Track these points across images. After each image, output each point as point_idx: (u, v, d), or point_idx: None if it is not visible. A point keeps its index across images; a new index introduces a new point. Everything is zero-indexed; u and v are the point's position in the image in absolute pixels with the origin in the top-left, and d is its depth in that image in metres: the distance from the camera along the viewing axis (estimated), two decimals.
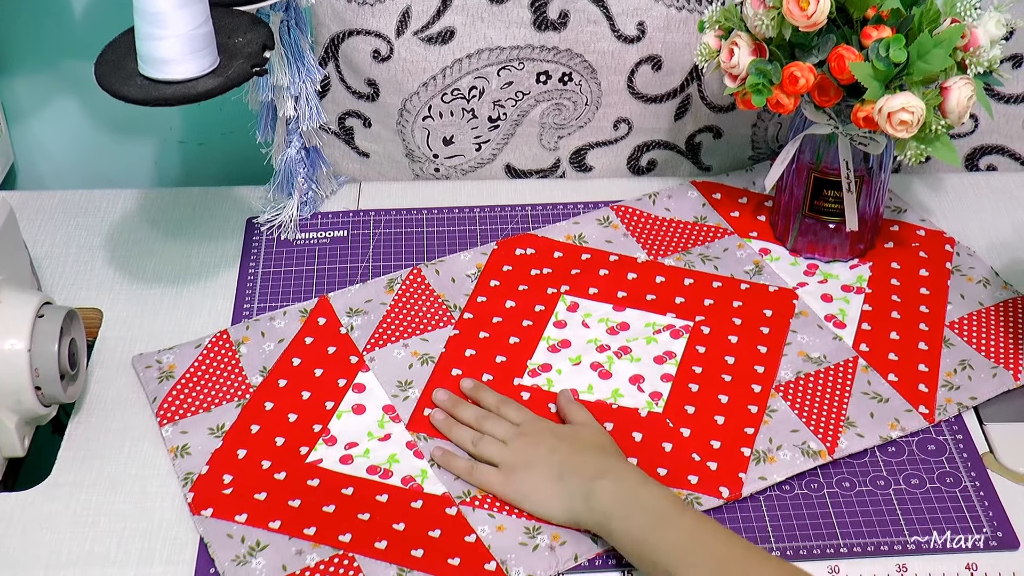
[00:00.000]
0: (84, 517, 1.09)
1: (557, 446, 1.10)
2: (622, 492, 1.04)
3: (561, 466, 1.08)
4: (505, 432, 1.13)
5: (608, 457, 1.09)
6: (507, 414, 1.15)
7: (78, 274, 1.35)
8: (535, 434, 1.12)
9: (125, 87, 1.08)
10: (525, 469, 1.09)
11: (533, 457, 1.10)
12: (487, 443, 1.12)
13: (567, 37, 1.37)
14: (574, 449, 1.10)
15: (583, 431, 1.13)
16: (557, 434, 1.12)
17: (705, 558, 0.98)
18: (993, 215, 1.42)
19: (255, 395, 1.19)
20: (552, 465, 1.08)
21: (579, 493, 1.05)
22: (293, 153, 1.36)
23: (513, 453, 1.11)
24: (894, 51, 1.12)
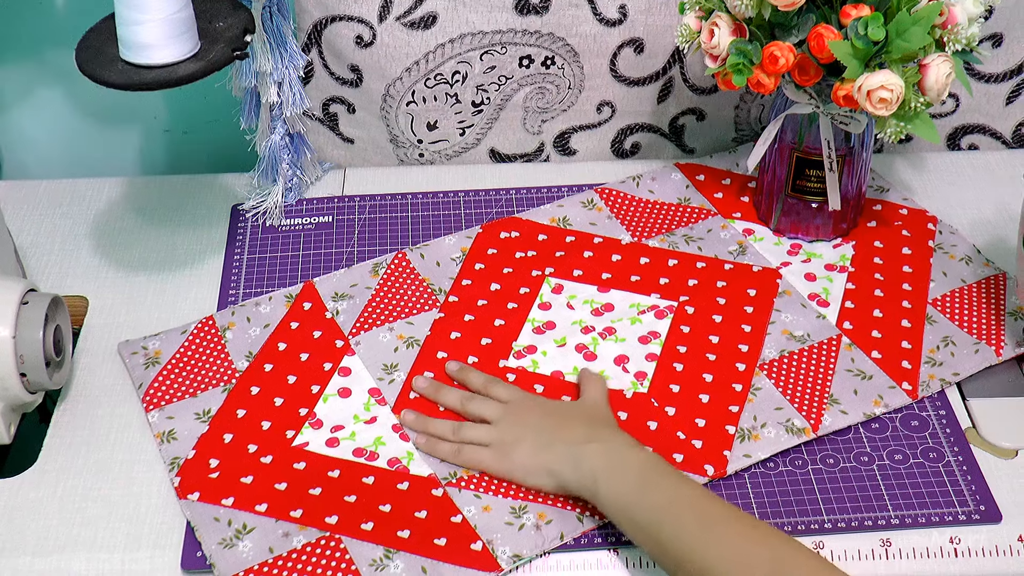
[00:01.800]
0: (71, 503, 1.10)
1: (544, 420, 1.11)
2: (609, 453, 1.05)
3: (551, 435, 1.09)
4: (494, 411, 1.13)
5: (596, 425, 1.10)
6: (495, 393, 1.16)
7: (64, 262, 1.35)
8: (523, 411, 1.13)
9: (106, 72, 1.08)
10: (514, 444, 1.10)
11: (521, 432, 1.10)
12: (471, 428, 1.13)
13: (549, 21, 1.37)
14: (562, 421, 1.11)
15: (571, 406, 1.14)
16: (545, 408, 1.13)
17: (688, 516, 0.98)
18: (975, 193, 1.43)
19: (241, 380, 1.20)
20: (541, 435, 1.09)
21: (568, 459, 1.06)
22: (277, 139, 1.36)
23: (501, 431, 1.11)
24: (873, 29, 1.12)
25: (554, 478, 1.07)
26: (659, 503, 1.00)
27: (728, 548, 0.96)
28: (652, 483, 1.02)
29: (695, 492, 1.01)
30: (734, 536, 0.97)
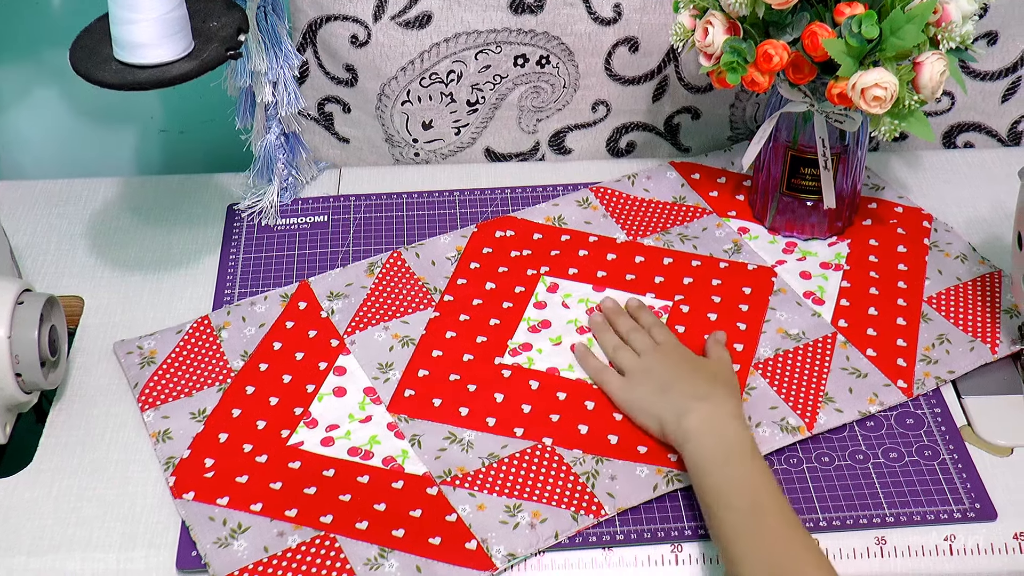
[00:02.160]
0: (66, 503, 1.10)
1: (679, 366, 1.16)
2: (711, 418, 1.08)
3: (674, 382, 1.13)
4: (645, 345, 1.19)
5: (718, 385, 1.13)
6: (654, 333, 1.21)
7: (60, 262, 1.35)
8: (667, 353, 1.18)
9: (100, 72, 1.08)
10: (642, 379, 1.15)
11: (656, 371, 1.16)
12: (623, 353, 1.19)
13: (544, 20, 1.37)
14: (692, 370, 1.15)
15: (710, 363, 1.18)
16: (685, 357, 1.18)
17: (743, 502, 1.01)
18: (970, 191, 1.43)
19: (236, 379, 1.20)
20: (666, 380, 1.14)
21: (675, 409, 1.10)
22: (272, 139, 1.36)
23: (641, 365, 1.17)
24: (866, 27, 1.12)
25: (657, 423, 1.11)
26: (728, 481, 1.03)
27: (755, 544, 0.98)
28: (733, 461, 1.04)
29: (766, 484, 1.02)
30: (768, 535, 0.99)
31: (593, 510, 1.07)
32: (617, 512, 1.08)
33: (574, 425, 1.15)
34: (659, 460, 1.11)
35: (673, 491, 1.10)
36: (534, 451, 1.12)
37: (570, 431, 1.14)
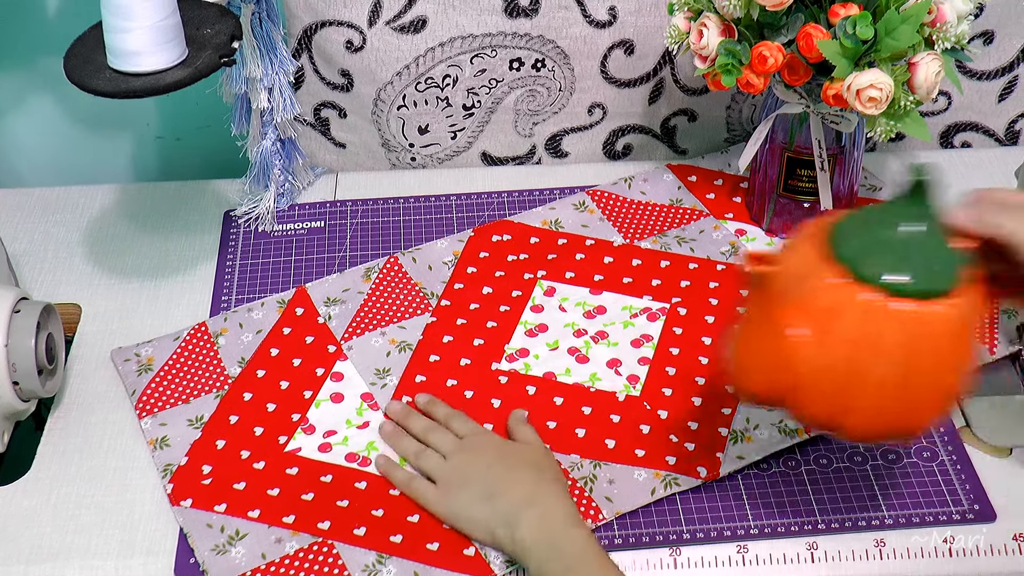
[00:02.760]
0: (64, 510, 1.10)
1: (493, 463, 1.08)
2: (545, 531, 1.02)
3: (494, 485, 1.06)
4: (448, 445, 1.11)
5: (542, 482, 1.06)
6: (454, 426, 1.13)
7: (57, 270, 1.35)
8: (475, 448, 1.11)
9: (94, 80, 1.08)
10: (459, 486, 1.07)
11: (469, 473, 1.08)
12: (427, 457, 1.11)
13: (539, 23, 1.37)
14: (510, 466, 1.08)
15: (524, 449, 1.11)
16: (499, 450, 1.11)
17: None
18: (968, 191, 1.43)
19: (234, 386, 1.20)
20: (486, 484, 1.06)
21: (505, 519, 1.03)
22: (268, 145, 1.36)
23: (451, 468, 1.09)
24: (861, 28, 1.12)
25: (489, 535, 1.04)
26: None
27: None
28: (573, 572, 0.99)
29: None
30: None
31: (591, 514, 1.07)
32: (615, 516, 1.08)
33: (571, 430, 1.15)
34: (657, 464, 1.11)
35: (671, 495, 1.09)
36: None
37: (567, 436, 1.14)
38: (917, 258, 0.88)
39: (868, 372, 0.89)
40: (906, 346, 0.88)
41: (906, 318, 0.88)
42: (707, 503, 1.09)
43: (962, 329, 0.90)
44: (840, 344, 0.88)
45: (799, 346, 0.89)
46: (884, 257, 0.88)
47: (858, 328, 0.88)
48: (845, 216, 0.93)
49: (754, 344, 0.93)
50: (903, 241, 0.89)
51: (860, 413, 0.91)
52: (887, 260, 0.88)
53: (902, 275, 0.87)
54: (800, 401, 0.92)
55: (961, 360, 0.91)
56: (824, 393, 0.90)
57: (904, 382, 0.89)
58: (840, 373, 0.89)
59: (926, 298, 0.88)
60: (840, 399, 0.90)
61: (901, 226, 0.90)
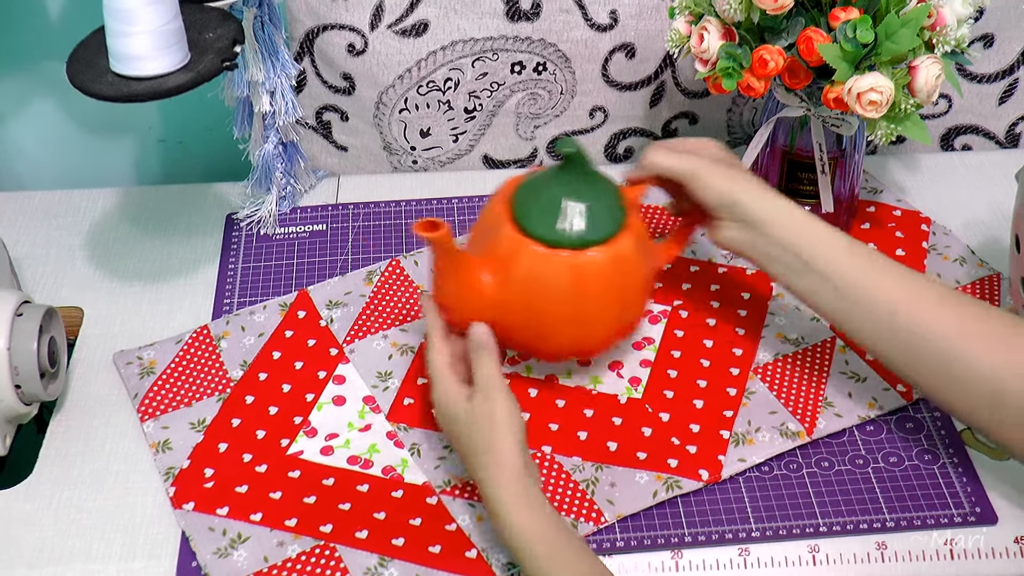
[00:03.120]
0: (66, 514, 1.10)
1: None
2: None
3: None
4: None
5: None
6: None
7: (59, 273, 1.35)
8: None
9: (96, 84, 1.08)
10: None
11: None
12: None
13: (540, 27, 1.37)
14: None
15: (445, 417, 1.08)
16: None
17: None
18: (969, 194, 1.43)
19: (236, 389, 1.20)
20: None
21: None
22: (270, 148, 1.36)
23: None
24: (861, 32, 1.12)
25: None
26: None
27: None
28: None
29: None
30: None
31: (593, 517, 1.07)
32: (617, 519, 1.08)
33: (573, 432, 1.15)
34: (658, 467, 1.11)
35: (673, 497, 1.10)
36: (533, 459, 1.12)
37: (569, 438, 1.14)
38: (573, 214, 1.08)
39: (543, 307, 1.09)
40: (570, 285, 1.08)
41: (565, 264, 1.08)
42: (708, 506, 1.09)
43: (617, 269, 1.09)
44: (517, 285, 1.09)
45: (485, 286, 1.09)
46: (546, 215, 1.08)
47: (529, 273, 1.08)
48: (524, 179, 1.13)
49: (451, 286, 1.10)
50: (560, 201, 1.08)
51: (546, 339, 1.12)
52: (548, 218, 1.08)
53: (560, 229, 1.08)
54: (498, 332, 1.10)
55: (623, 293, 1.11)
56: (514, 325, 1.10)
57: (574, 314, 1.09)
58: (522, 308, 1.09)
59: (583, 247, 1.08)
60: (527, 329, 1.11)
61: (553, 190, 1.09)
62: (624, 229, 1.10)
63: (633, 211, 1.13)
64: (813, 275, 1.08)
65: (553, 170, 1.11)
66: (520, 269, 1.08)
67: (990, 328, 1.01)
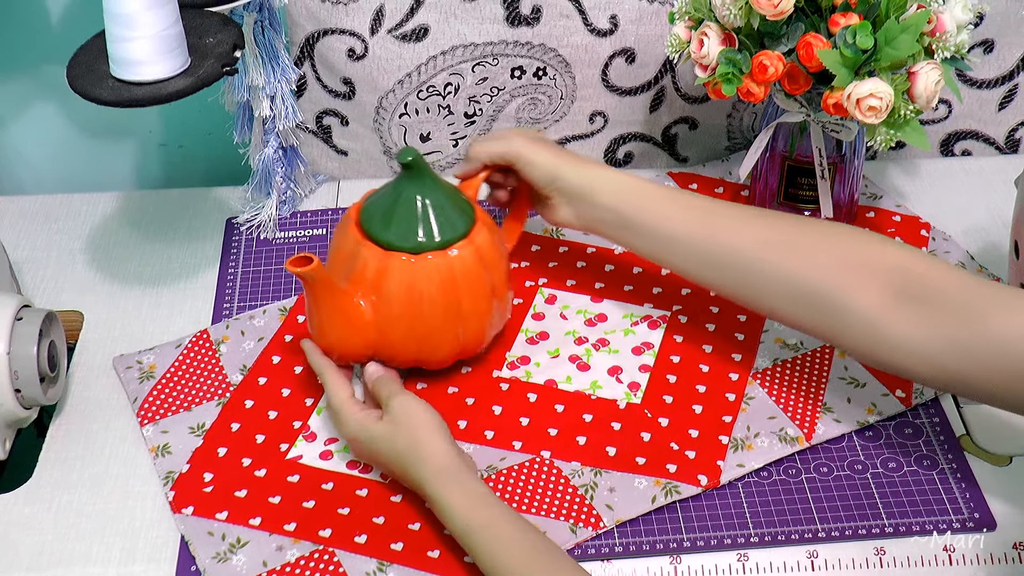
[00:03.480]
0: (66, 518, 1.10)
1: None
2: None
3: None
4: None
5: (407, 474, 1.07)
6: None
7: (59, 277, 1.35)
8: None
9: (97, 89, 1.09)
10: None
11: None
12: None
13: (540, 32, 1.37)
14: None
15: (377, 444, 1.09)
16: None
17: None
18: (968, 199, 1.43)
19: (235, 393, 1.20)
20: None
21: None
22: (270, 153, 1.36)
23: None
24: (861, 37, 1.12)
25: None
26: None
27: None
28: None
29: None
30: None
31: (591, 522, 1.07)
32: (615, 524, 1.08)
33: (572, 437, 1.15)
34: (657, 472, 1.11)
35: (672, 503, 1.10)
36: (532, 464, 1.13)
37: (568, 443, 1.14)
38: (430, 218, 1.11)
39: (423, 314, 1.11)
40: (443, 286, 1.11)
41: (434, 266, 1.11)
42: (707, 511, 1.09)
43: (481, 260, 1.13)
44: (394, 301, 1.11)
45: (363, 311, 1.11)
46: (404, 225, 1.11)
47: (401, 284, 1.11)
48: (366, 199, 1.16)
49: (332, 319, 1.11)
50: (415, 208, 1.12)
51: (432, 345, 1.14)
52: (407, 227, 1.11)
53: (421, 235, 1.11)
54: (384, 353, 1.14)
55: (491, 281, 1.14)
56: (397, 341, 1.13)
57: (453, 313, 1.12)
58: (403, 322, 1.12)
59: (446, 246, 1.11)
60: (412, 340, 1.13)
61: (403, 200, 1.12)
62: (477, 222, 1.15)
63: (476, 205, 1.18)
64: (635, 226, 1.15)
65: (395, 182, 1.14)
66: (393, 284, 1.11)
67: (785, 238, 1.09)
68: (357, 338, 1.12)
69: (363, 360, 1.15)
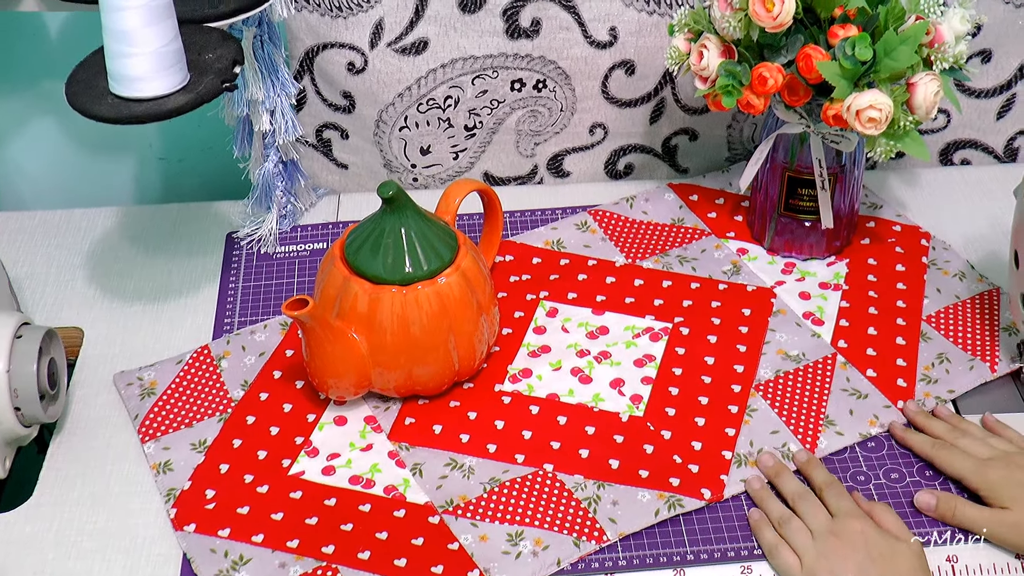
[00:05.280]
0: (67, 536, 1.10)
1: (866, 566, 1.02)
2: None
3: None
4: (819, 522, 1.06)
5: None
6: (828, 500, 1.08)
7: (59, 293, 1.35)
8: (847, 539, 1.04)
9: (96, 106, 1.08)
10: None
11: (837, 568, 1.02)
12: (795, 530, 1.06)
13: (540, 44, 1.37)
14: (883, 574, 1.02)
15: (900, 554, 1.03)
16: (871, 548, 1.03)
17: None
18: (968, 209, 1.43)
19: (237, 409, 1.20)
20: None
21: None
22: (270, 167, 1.36)
23: (818, 554, 1.03)
24: (860, 49, 1.12)
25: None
26: None
27: None
28: None
29: None
30: None
31: (595, 536, 1.07)
32: (619, 537, 1.08)
33: (575, 450, 1.15)
34: (661, 485, 1.11)
35: (675, 516, 1.09)
36: (535, 477, 1.12)
37: (571, 456, 1.14)
38: (417, 248, 1.13)
39: (415, 343, 1.13)
40: (430, 315, 1.13)
41: (425, 296, 1.12)
42: (711, 524, 1.09)
43: (468, 284, 1.15)
44: (388, 332, 1.13)
45: (357, 345, 1.13)
46: (391, 258, 1.13)
47: (392, 316, 1.12)
48: (348, 234, 1.17)
49: (332, 357, 1.13)
50: (401, 241, 1.13)
51: (427, 372, 1.16)
52: (394, 260, 1.13)
53: (410, 265, 1.13)
54: (380, 384, 1.16)
55: (480, 303, 1.16)
56: (395, 370, 1.15)
57: (443, 338, 1.14)
58: (397, 352, 1.13)
59: (435, 275, 1.13)
60: (407, 370, 1.15)
61: (388, 233, 1.13)
62: (460, 247, 1.16)
63: (457, 230, 1.19)
64: None
65: (377, 216, 1.15)
66: (385, 316, 1.12)
67: None
68: (354, 373, 1.14)
69: (360, 394, 1.17)
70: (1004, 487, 1.07)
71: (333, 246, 1.17)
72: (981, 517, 1.07)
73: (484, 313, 1.17)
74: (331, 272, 1.15)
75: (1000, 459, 1.10)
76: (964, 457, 1.10)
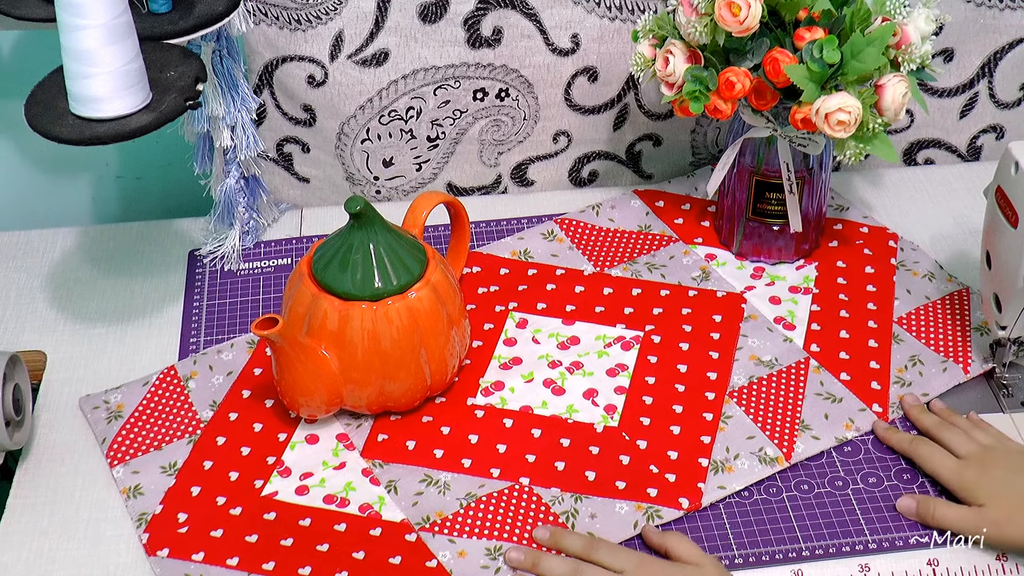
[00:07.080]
0: (37, 565, 1.08)
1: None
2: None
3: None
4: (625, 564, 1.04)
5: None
6: (603, 560, 1.04)
7: (20, 317, 1.33)
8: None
9: (57, 127, 1.06)
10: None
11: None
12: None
13: (502, 53, 1.36)
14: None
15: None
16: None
17: None
18: (934, 208, 1.43)
19: (206, 430, 1.18)
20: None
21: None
22: (232, 183, 1.34)
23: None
24: (828, 52, 1.12)
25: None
26: None
27: None
28: None
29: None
30: None
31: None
32: None
33: (551, 463, 1.14)
34: (638, 496, 1.10)
35: (654, 527, 1.09)
36: (511, 491, 1.11)
37: (547, 469, 1.13)
38: (387, 263, 1.12)
39: (386, 358, 1.12)
40: (401, 330, 1.12)
41: (391, 312, 1.11)
42: (690, 534, 1.08)
43: (439, 297, 1.14)
44: (356, 349, 1.12)
45: (328, 362, 1.12)
46: (359, 274, 1.11)
47: (362, 333, 1.11)
48: (315, 251, 1.15)
49: (303, 375, 1.11)
50: (371, 256, 1.12)
51: (399, 388, 1.15)
52: (363, 276, 1.11)
53: (380, 280, 1.12)
54: (352, 401, 1.15)
55: (450, 316, 1.15)
56: (366, 387, 1.14)
57: (415, 353, 1.13)
58: (368, 368, 1.12)
59: (405, 289, 1.12)
60: (379, 386, 1.14)
61: (356, 248, 1.12)
62: (429, 261, 1.15)
63: (424, 243, 1.19)
64: None
65: (344, 231, 1.14)
66: (355, 333, 1.11)
67: None
68: (325, 390, 1.13)
69: (331, 411, 1.16)
70: (979, 485, 1.08)
71: (300, 263, 1.16)
72: (959, 516, 1.07)
73: (455, 326, 1.16)
74: (299, 289, 1.14)
75: (975, 457, 1.10)
76: (943, 455, 1.11)
